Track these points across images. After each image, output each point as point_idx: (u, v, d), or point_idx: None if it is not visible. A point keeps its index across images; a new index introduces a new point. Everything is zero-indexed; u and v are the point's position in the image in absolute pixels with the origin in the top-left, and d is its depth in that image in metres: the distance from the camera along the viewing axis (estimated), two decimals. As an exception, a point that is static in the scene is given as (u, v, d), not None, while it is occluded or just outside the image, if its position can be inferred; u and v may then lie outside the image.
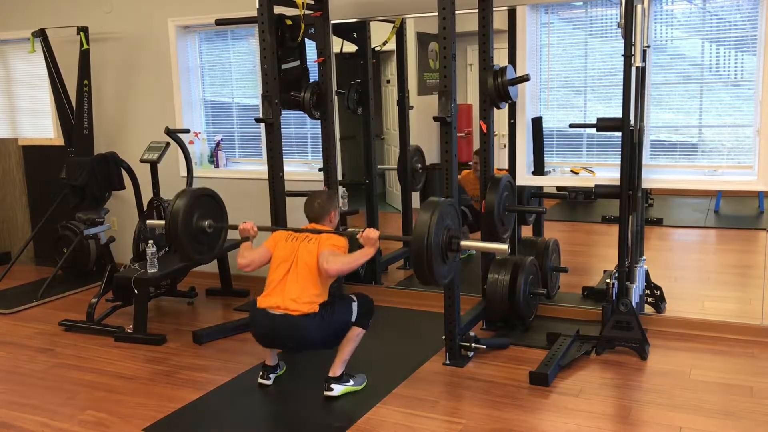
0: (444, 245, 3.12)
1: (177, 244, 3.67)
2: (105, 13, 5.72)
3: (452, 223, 3.18)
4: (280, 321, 3.30)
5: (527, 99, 4.41)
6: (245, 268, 3.49)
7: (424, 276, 3.10)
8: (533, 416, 3.20)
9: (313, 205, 3.56)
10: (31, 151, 6.35)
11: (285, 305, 3.29)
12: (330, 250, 3.31)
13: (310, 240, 3.40)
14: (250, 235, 3.60)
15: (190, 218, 3.67)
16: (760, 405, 3.21)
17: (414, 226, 3.07)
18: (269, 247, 3.50)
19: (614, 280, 3.93)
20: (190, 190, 3.85)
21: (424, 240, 3.01)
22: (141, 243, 4.93)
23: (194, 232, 3.70)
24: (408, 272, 5.57)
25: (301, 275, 3.33)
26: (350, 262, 3.30)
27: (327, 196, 3.61)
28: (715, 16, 4.04)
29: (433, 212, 3.06)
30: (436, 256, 3.06)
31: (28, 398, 3.62)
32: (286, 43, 4.35)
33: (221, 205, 3.92)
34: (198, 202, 3.74)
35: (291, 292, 3.31)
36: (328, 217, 3.57)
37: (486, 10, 4.06)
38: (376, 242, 3.27)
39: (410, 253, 3.10)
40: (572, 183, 4.44)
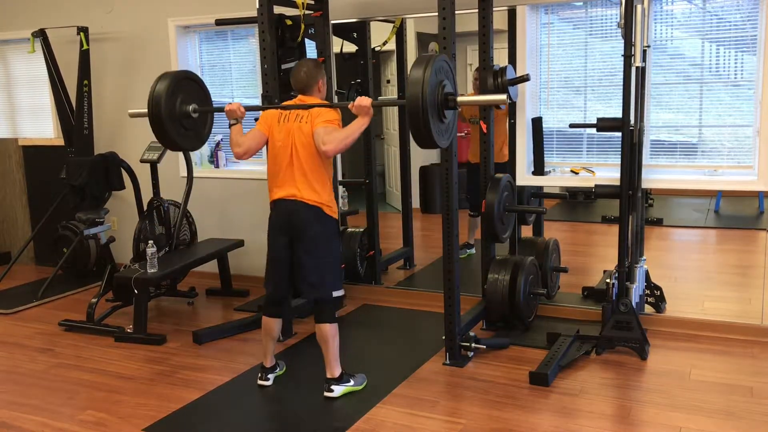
0: (440, 102, 2.90)
1: (161, 129, 3.43)
2: (105, 13, 5.72)
3: (447, 79, 2.99)
4: (299, 206, 3.30)
5: (527, 99, 4.41)
6: (242, 157, 3.38)
7: (422, 137, 2.91)
8: (533, 416, 3.20)
9: (300, 75, 3.39)
10: (31, 151, 6.35)
11: (302, 195, 3.29)
12: (324, 128, 3.22)
13: (302, 119, 3.30)
14: (237, 116, 3.42)
15: (173, 102, 3.45)
16: (760, 405, 3.21)
17: (407, 83, 2.88)
18: (262, 129, 3.40)
19: (614, 280, 3.93)
20: (170, 72, 3.57)
21: (419, 99, 2.80)
22: (141, 243, 4.93)
23: (178, 116, 3.49)
24: (408, 272, 5.57)
25: (305, 162, 3.28)
26: (347, 136, 3.19)
27: (313, 64, 3.45)
28: (715, 16, 4.04)
29: (426, 67, 2.84)
30: (433, 113, 2.86)
31: (28, 398, 3.62)
32: (286, 43, 4.35)
33: (205, 89, 3.71)
34: (180, 85, 3.52)
35: (302, 183, 3.29)
36: (317, 86, 3.42)
37: (486, 10, 4.06)
38: (369, 110, 3.15)
39: (406, 112, 2.90)
40: (572, 183, 4.44)
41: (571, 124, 4.26)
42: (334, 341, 3.42)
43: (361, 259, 5.10)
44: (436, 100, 2.89)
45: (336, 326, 3.44)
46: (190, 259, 4.82)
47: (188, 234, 5.22)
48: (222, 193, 5.56)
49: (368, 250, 5.13)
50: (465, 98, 3.07)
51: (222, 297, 5.22)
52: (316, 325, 3.44)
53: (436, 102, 2.89)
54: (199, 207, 5.38)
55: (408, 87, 2.85)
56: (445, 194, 3.71)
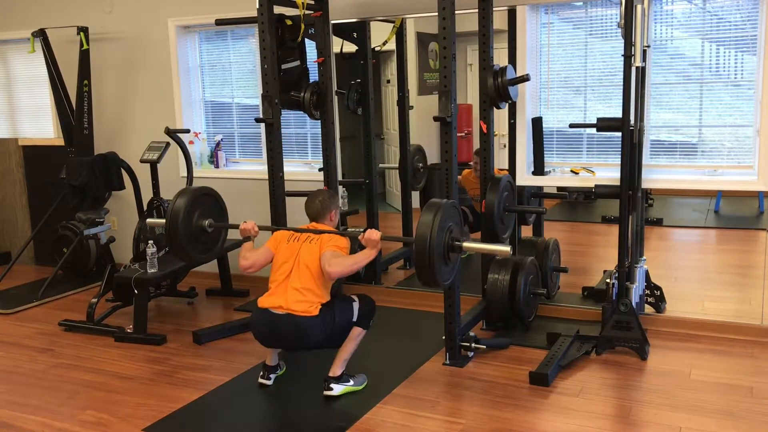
0: (446, 246, 3.12)
1: (177, 244, 3.65)
2: (105, 13, 5.73)
3: (454, 225, 3.19)
4: (282, 320, 3.30)
5: (527, 99, 4.41)
6: (247, 270, 3.50)
7: (426, 277, 3.10)
8: (533, 416, 3.20)
9: (315, 204, 3.56)
10: (31, 151, 6.35)
11: (288, 305, 3.29)
12: (332, 251, 3.31)
13: (311, 240, 3.40)
14: (251, 234, 3.60)
15: (190, 217, 3.66)
16: (760, 405, 3.21)
17: (416, 227, 3.07)
18: (271, 247, 3.51)
19: (614, 280, 3.93)
20: (190, 188, 3.83)
21: (426, 241, 3.01)
22: (141, 243, 4.93)
23: (194, 231, 3.69)
24: (408, 272, 5.57)
25: (303, 276, 3.33)
26: (352, 264, 3.30)
27: (328, 195, 3.62)
28: (715, 16, 4.04)
29: (435, 213, 3.06)
30: (439, 257, 3.06)
31: (28, 398, 3.62)
32: (286, 43, 4.35)
33: (221, 204, 3.91)
34: (198, 201, 3.73)
35: (293, 292, 3.31)
36: (329, 215, 3.57)
37: (486, 10, 4.06)
38: (377, 244, 3.28)
39: (413, 254, 3.11)
40: (572, 183, 4.44)
41: (571, 124, 4.26)
42: (354, 343, 3.46)
43: (361, 259, 5.09)
44: (443, 245, 3.09)
45: (364, 333, 3.49)
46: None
47: (188, 234, 5.22)
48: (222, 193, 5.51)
49: (368, 250, 5.12)
50: (471, 245, 3.28)
51: (222, 297, 5.22)
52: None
53: (443, 247, 3.10)
54: (199, 207, 5.38)
55: (418, 227, 3.05)
56: (445, 194, 3.71)
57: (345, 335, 3.43)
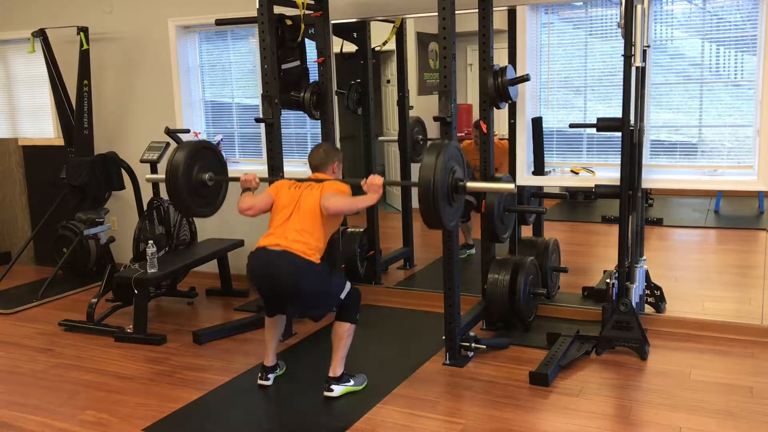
0: (450, 187, 3.09)
1: (177, 197, 3.60)
2: (105, 13, 5.72)
3: (457, 165, 3.15)
4: (280, 257, 3.24)
5: (527, 99, 4.41)
6: (247, 212, 3.46)
7: (431, 219, 3.07)
8: (533, 416, 3.20)
9: (318, 153, 3.55)
10: (31, 151, 6.35)
11: (286, 244, 3.26)
12: (331, 193, 3.31)
13: (312, 188, 3.39)
14: (251, 186, 3.59)
15: (190, 171, 3.61)
16: (760, 405, 3.21)
17: (420, 168, 3.03)
18: (271, 193, 3.48)
19: (614, 280, 3.93)
20: (189, 142, 3.76)
21: (430, 183, 2.97)
22: (141, 243, 4.93)
23: (195, 184, 3.65)
24: (408, 272, 5.57)
25: (304, 218, 3.31)
26: (351, 204, 3.29)
27: (332, 146, 3.59)
28: (715, 16, 4.04)
29: (438, 154, 3.02)
30: (443, 198, 3.03)
31: (28, 398, 3.62)
32: (286, 43, 4.35)
33: (221, 158, 3.86)
34: (198, 155, 3.68)
35: (292, 233, 3.29)
36: (332, 166, 3.55)
37: (486, 10, 4.06)
38: (379, 189, 3.24)
39: (418, 196, 3.06)
40: (572, 183, 4.44)
41: (571, 124, 4.26)
42: (347, 341, 3.45)
43: (361, 259, 5.10)
44: (447, 186, 3.07)
45: (354, 328, 3.47)
46: (190, 259, 4.83)
47: (188, 234, 5.22)
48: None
49: (368, 250, 5.13)
50: (474, 184, 3.27)
51: (222, 297, 5.22)
52: (335, 321, 3.46)
53: (447, 187, 3.07)
54: (199, 207, 5.38)
55: (421, 170, 3.02)
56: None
57: (329, 305, 3.40)
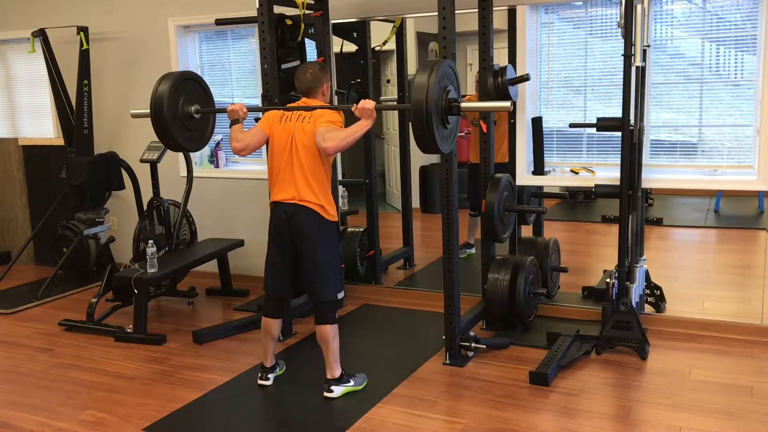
0: (443, 108, 2.93)
1: (163, 129, 3.47)
2: (105, 12, 5.72)
3: (451, 85, 3.01)
4: (298, 209, 3.30)
5: (527, 99, 4.41)
6: (241, 152, 3.38)
7: (425, 142, 2.93)
8: (533, 416, 3.20)
9: (305, 76, 3.39)
10: (31, 151, 6.35)
11: (301, 196, 3.29)
12: (326, 127, 3.22)
13: (304, 119, 3.30)
14: (239, 116, 3.44)
15: (175, 103, 3.47)
16: (760, 405, 3.21)
17: (411, 88, 2.90)
18: (263, 128, 3.40)
19: (614, 280, 3.92)
20: (173, 73, 3.62)
21: (423, 103, 2.82)
22: (141, 243, 4.93)
23: (180, 117, 3.51)
24: (408, 272, 5.57)
25: (305, 162, 3.28)
26: (347, 136, 3.18)
27: (319, 67, 3.46)
28: (715, 15, 4.04)
29: (430, 72, 2.85)
30: (436, 118, 2.87)
31: (28, 398, 3.62)
32: (286, 43, 4.35)
33: (207, 90, 3.73)
34: (182, 86, 3.54)
35: (302, 184, 3.28)
36: (321, 89, 3.42)
37: (486, 10, 4.06)
38: (372, 113, 3.11)
39: (410, 117, 2.92)
40: (572, 183, 4.44)
41: (571, 124, 4.26)
42: (334, 342, 3.42)
43: (361, 259, 5.10)
44: (440, 106, 2.90)
45: (336, 327, 3.44)
46: (190, 259, 4.82)
47: (188, 234, 5.23)
48: (222, 193, 5.56)
49: (368, 250, 5.13)
50: (469, 104, 3.09)
51: (222, 297, 5.22)
52: (316, 326, 3.44)
53: (440, 108, 2.90)
54: (199, 207, 5.38)
55: (412, 92, 2.86)
56: (445, 194, 3.71)
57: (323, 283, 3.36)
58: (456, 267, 3.73)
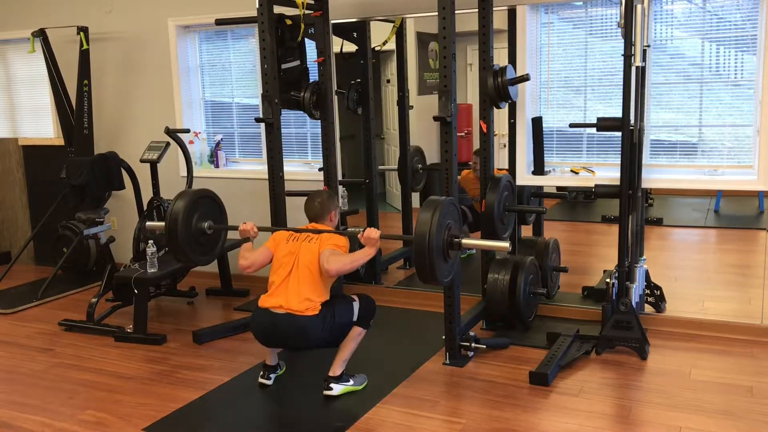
0: (445, 244, 3.12)
1: (177, 247, 3.64)
2: (105, 13, 5.72)
3: (453, 222, 3.19)
4: (282, 320, 3.30)
5: (527, 99, 4.41)
6: (247, 270, 3.49)
7: (426, 275, 3.11)
8: (533, 416, 3.20)
9: (314, 204, 3.57)
10: (31, 151, 6.35)
11: (288, 305, 3.29)
12: (331, 250, 3.32)
13: (311, 240, 3.41)
14: (250, 235, 3.59)
15: (189, 220, 3.65)
16: (760, 405, 3.21)
17: (415, 225, 3.07)
18: (270, 247, 3.50)
19: (614, 280, 3.93)
20: (189, 191, 3.82)
21: (425, 239, 3.01)
22: (141, 243, 4.93)
23: (194, 233, 3.68)
24: (408, 272, 5.57)
25: (303, 275, 3.33)
26: (351, 262, 3.30)
27: (327, 196, 3.62)
28: (715, 15, 4.04)
29: (434, 211, 3.06)
30: (438, 255, 3.06)
31: (28, 398, 3.62)
32: (286, 43, 4.35)
33: (220, 205, 3.90)
34: (197, 203, 3.72)
35: (293, 293, 3.31)
36: (329, 216, 3.58)
37: (486, 9, 4.06)
38: (376, 242, 3.28)
39: (412, 252, 3.11)
40: (572, 183, 4.44)
41: (571, 124, 4.27)
42: (354, 343, 3.47)
43: (361, 259, 5.09)
44: (442, 243, 3.10)
45: (365, 332, 3.50)
46: (190, 259, 4.82)
47: (188, 234, 5.22)
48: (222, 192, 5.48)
49: (368, 250, 5.12)
50: (470, 241, 3.31)
51: (222, 297, 5.23)
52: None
53: (442, 244, 3.09)
54: (199, 207, 5.38)
55: (416, 226, 3.06)
56: (445, 194, 3.71)
57: (345, 334, 3.43)
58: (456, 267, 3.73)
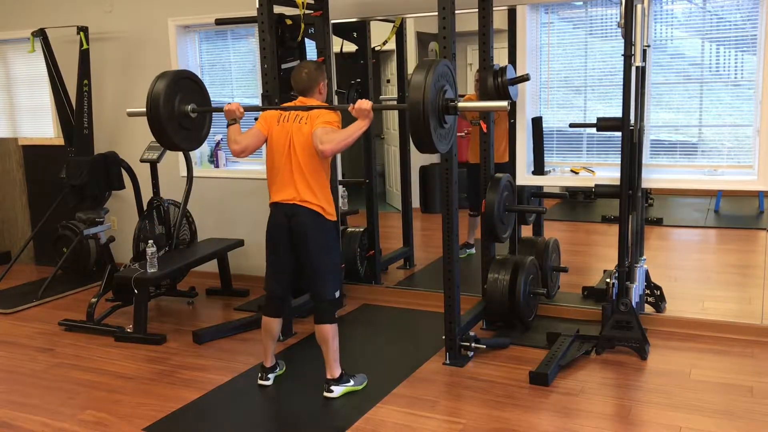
0: (440, 107, 2.93)
1: (159, 128, 3.45)
2: (105, 12, 5.72)
3: (448, 85, 3.02)
4: (298, 209, 3.31)
5: (527, 99, 4.41)
6: (240, 155, 3.39)
7: (423, 142, 2.93)
8: (533, 416, 3.20)
9: (301, 76, 3.39)
10: (31, 151, 6.35)
11: (301, 197, 3.30)
12: (323, 128, 3.22)
13: (301, 119, 3.30)
14: (236, 116, 3.43)
15: (172, 101, 3.46)
16: (760, 405, 3.21)
17: (408, 88, 2.91)
18: (261, 129, 3.39)
19: (614, 280, 3.92)
20: (170, 72, 3.59)
21: (420, 103, 2.83)
22: (141, 243, 4.93)
23: (177, 116, 3.50)
24: (408, 272, 5.57)
25: (304, 163, 3.28)
26: (345, 138, 3.19)
27: (315, 66, 3.46)
28: (715, 15, 4.04)
29: (427, 72, 2.86)
30: (433, 117, 2.87)
31: (28, 398, 3.62)
32: (286, 42, 4.35)
33: (204, 89, 3.72)
34: (179, 85, 3.53)
35: (302, 185, 3.29)
36: (317, 88, 3.42)
37: (486, 9, 4.06)
38: (369, 113, 3.15)
39: (407, 116, 2.94)
40: (572, 183, 4.44)
41: (571, 124, 4.27)
42: (334, 342, 3.43)
43: (361, 259, 5.10)
44: (437, 106, 2.91)
45: (336, 327, 3.44)
46: (190, 258, 4.82)
47: (188, 234, 5.22)
48: (222, 192, 5.56)
49: (368, 250, 5.13)
50: (466, 104, 3.10)
51: (222, 297, 5.22)
52: (315, 325, 3.44)
53: (437, 107, 2.91)
54: (199, 207, 5.38)
55: (409, 91, 2.87)
56: (445, 194, 3.71)
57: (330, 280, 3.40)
58: (456, 267, 3.74)
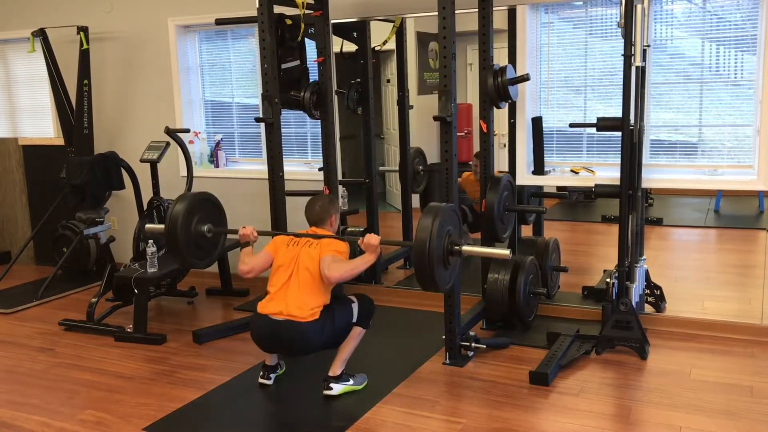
0: (445, 251, 3.10)
1: (177, 250, 3.60)
2: (105, 12, 5.73)
3: (453, 228, 3.16)
4: (282, 326, 3.30)
5: (527, 98, 4.41)
6: (247, 275, 3.48)
7: (426, 282, 3.08)
8: (533, 416, 3.20)
9: (315, 209, 3.54)
10: (31, 150, 6.35)
11: (288, 311, 3.29)
12: (332, 256, 3.31)
13: (311, 245, 3.39)
14: (250, 240, 3.57)
15: (189, 223, 3.61)
16: (760, 405, 3.21)
17: (415, 232, 3.05)
18: (270, 251, 3.49)
19: (614, 280, 3.93)
20: (189, 194, 3.79)
21: (425, 247, 2.98)
22: (141, 243, 4.93)
23: (193, 237, 3.64)
24: (408, 272, 5.57)
25: (303, 281, 3.32)
26: (351, 269, 3.29)
27: (328, 200, 3.61)
28: (715, 15, 4.04)
29: (434, 218, 3.04)
30: (438, 262, 3.04)
31: (28, 398, 3.62)
32: (286, 42, 4.35)
33: (220, 208, 3.86)
34: (197, 207, 3.68)
35: (293, 298, 3.31)
36: (329, 220, 3.55)
37: (486, 9, 4.06)
38: (377, 249, 3.26)
39: (412, 260, 3.09)
40: (572, 183, 4.44)
41: (571, 124, 4.27)
42: (354, 342, 3.47)
43: (361, 258, 5.09)
44: (442, 249, 3.06)
45: (364, 332, 3.51)
46: (190, 258, 4.82)
47: (188, 234, 5.22)
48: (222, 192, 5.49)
49: (368, 250, 5.12)
50: (470, 248, 3.27)
51: (222, 296, 5.22)
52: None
53: (442, 251, 3.07)
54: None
55: (417, 233, 3.03)
56: (445, 194, 3.71)
57: (345, 336, 3.43)
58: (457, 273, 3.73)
